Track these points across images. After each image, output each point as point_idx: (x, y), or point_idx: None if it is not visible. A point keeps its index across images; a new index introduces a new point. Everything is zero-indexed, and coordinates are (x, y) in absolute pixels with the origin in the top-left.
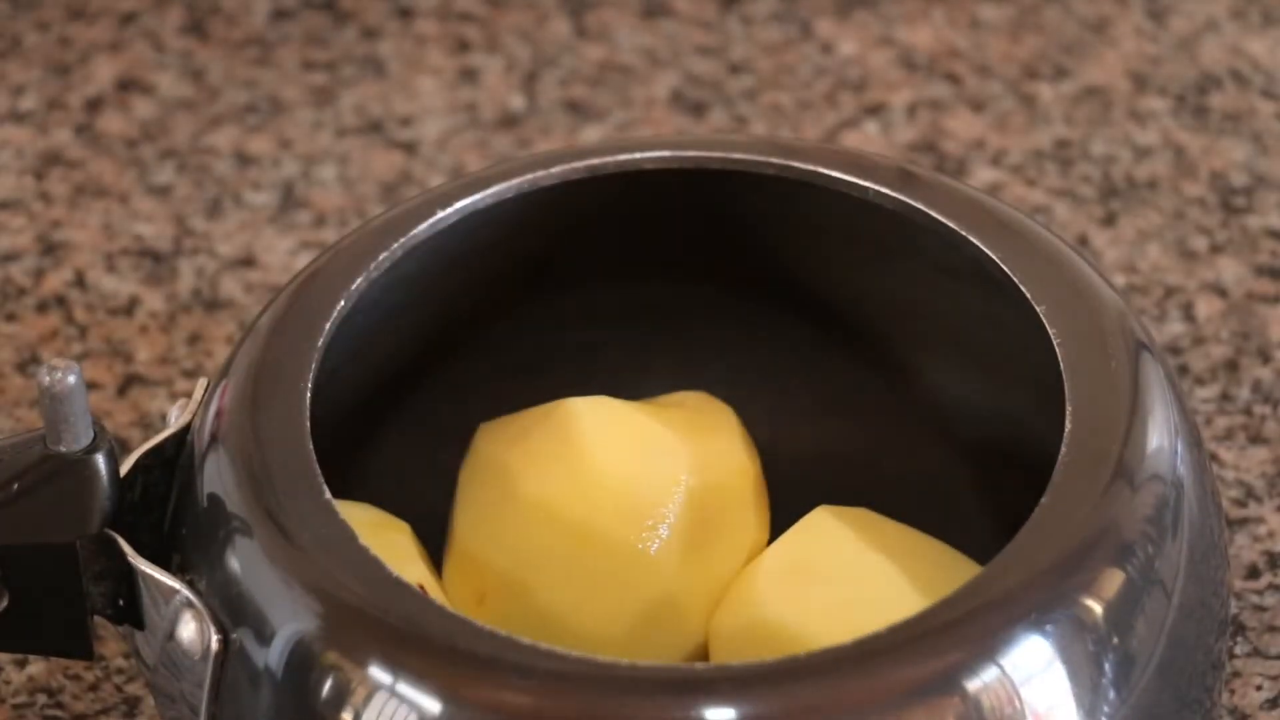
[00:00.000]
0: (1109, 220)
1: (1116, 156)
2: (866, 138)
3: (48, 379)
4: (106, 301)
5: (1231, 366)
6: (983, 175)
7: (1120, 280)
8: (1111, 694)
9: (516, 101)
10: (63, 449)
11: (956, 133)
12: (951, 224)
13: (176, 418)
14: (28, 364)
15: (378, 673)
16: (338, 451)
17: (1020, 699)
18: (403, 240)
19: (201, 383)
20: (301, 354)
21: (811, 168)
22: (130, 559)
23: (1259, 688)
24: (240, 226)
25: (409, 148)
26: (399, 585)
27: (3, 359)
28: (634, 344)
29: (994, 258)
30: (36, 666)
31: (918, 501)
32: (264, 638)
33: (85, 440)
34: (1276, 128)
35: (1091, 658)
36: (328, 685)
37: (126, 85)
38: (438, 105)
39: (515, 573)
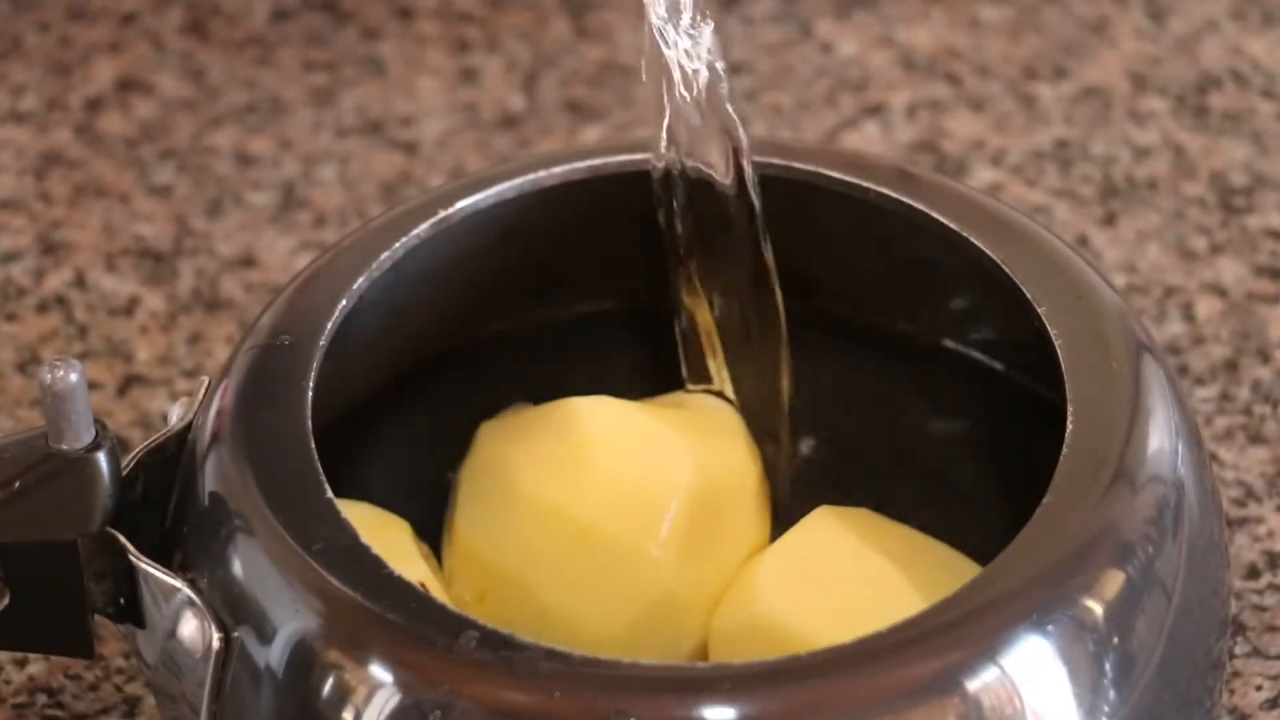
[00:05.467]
0: (1109, 220)
1: (1116, 157)
2: (866, 138)
3: (49, 377)
4: (107, 301)
5: (1231, 366)
6: (983, 175)
7: (1120, 280)
8: (1112, 694)
9: (516, 101)
10: (64, 447)
11: (956, 133)
12: (951, 224)
13: (178, 417)
14: (28, 364)
15: (379, 671)
16: (338, 451)
17: (1020, 699)
18: (403, 240)
19: (203, 382)
20: (302, 354)
21: (811, 168)
22: (131, 557)
23: (1259, 688)
24: (240, 226)
25: (409, 148)
26: (400, 584)
27: (3, 359)
28: (635, 344)
29: (994, 258)
30: (36, 666)
31: (918, 502)
32: (265, 636)
33: (87, 438)
34: (1276, 128)
35: (1092, 658)
36: (329, 684)
37: (127, 85)
38: (438, 105)
39: (516, 572)
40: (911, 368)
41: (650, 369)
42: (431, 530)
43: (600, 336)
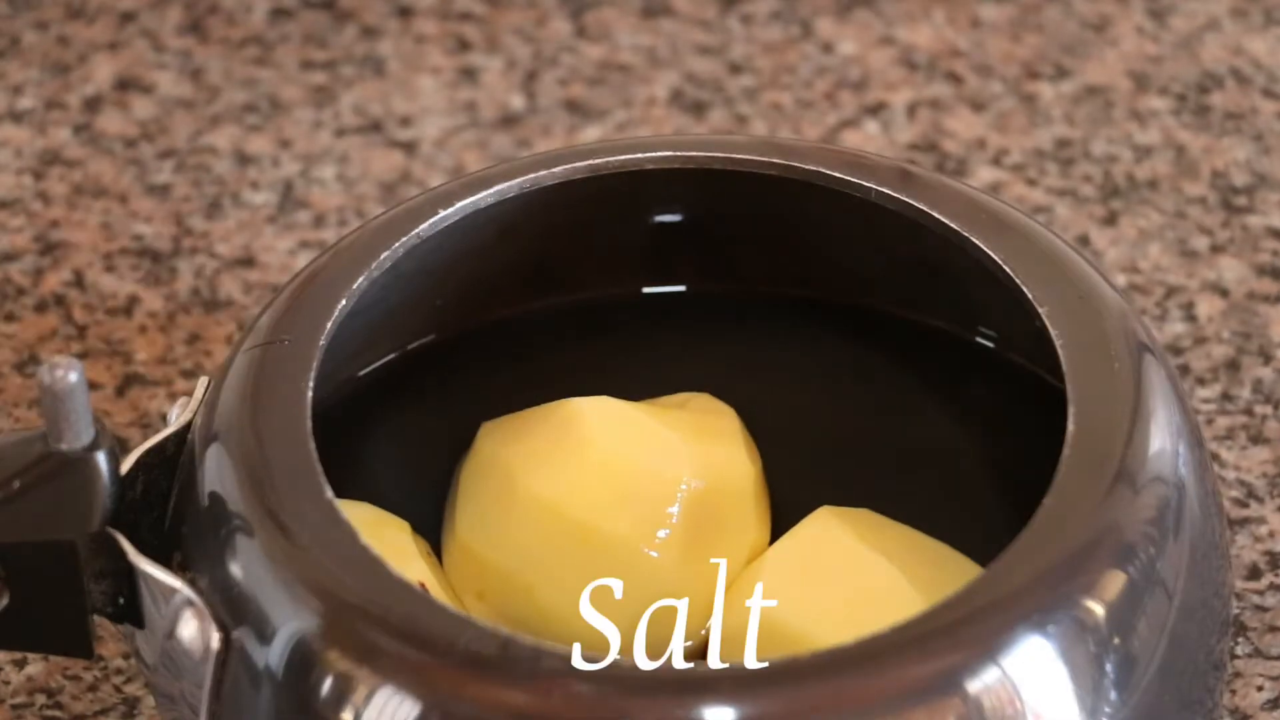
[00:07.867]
0: (1110, 220)
1: (1117, 156)
2: (866, 138)
3: (49, 377)
4: (105, 301)
5: (1232, 366)
6: (983, 175)
7: (1121, 280)
8: (1113, 695)
9: (516, 101)
10: (64, 447)
11: (957, 132)
12: (952, 224)
13: (177, 416)
14: (27, 364)
15: (379, 671)
16: (338, 451)
17: (1021, 700)
18: (403, 240)
19: (202, 381)
20: (301, 354)
21: (811, 168)
22: (131, 557)
23: (1260, 688)
24: (240, 226)
25: (409, 148)
26: (400, 584)
27: (2, 359)
28: (634, 344)
29: (995, 258)
30: (35, 666)
31: (919, 502)
32: (265, 636)
33: (86, 438)
34: (1277, 127)
35: (1093, 659)
36: (328, 684)
37: (125, 85)
38: (438, 105)
39: (515, 572)
40: (912, 368)
41: (650, 368)
42: (431, 530)
43: (600, 336)
